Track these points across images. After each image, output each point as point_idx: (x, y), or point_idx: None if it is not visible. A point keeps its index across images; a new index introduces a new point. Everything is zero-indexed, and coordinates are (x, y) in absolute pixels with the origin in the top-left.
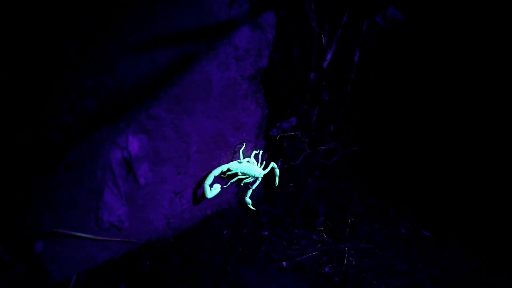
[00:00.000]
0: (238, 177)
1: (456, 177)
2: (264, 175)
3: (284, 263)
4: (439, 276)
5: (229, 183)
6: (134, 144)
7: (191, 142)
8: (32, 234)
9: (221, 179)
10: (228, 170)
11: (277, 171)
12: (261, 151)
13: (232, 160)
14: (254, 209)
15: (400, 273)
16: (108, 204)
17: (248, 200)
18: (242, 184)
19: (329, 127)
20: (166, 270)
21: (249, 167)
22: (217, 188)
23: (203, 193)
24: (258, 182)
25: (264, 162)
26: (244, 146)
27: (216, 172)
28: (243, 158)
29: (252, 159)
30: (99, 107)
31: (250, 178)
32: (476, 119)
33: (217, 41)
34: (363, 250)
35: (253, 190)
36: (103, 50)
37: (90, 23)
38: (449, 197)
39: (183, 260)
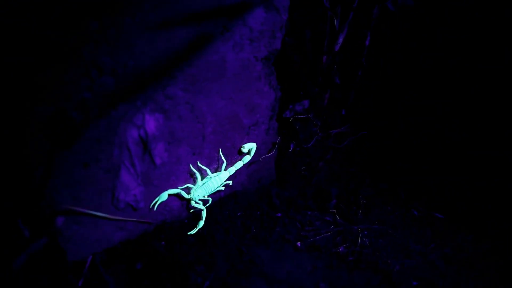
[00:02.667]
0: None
1: (467, 159)
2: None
3: (298, 244)
4: (452, 256)
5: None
6: (150, 123)
7: (206, 122)
8: (50, 212)
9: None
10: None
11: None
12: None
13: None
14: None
15: (414, 253)
16: (125, 183)
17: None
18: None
19: (341, 111)
20: (182, 250)
21: (208, 185)
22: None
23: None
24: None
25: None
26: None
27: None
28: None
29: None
30: (117, 85)
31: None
32: (484, 102)
33: (232, 22)
34: (376, 231)
35: (265, 172)
36: (121, 28)
37: (109, 1)
38: (460, 179)
39: (198, 241)
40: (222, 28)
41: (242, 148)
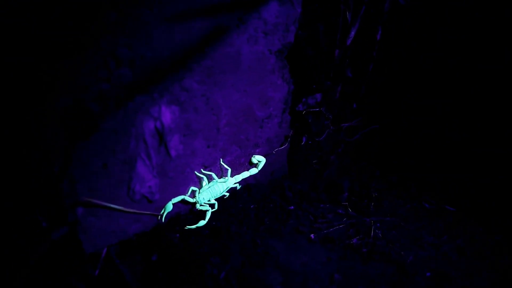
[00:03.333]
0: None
1: (477, 152)
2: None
3: (312, 235)
4: (464, 247)
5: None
6: (166, 115)
7: (221, 114)
8: (68, 203)
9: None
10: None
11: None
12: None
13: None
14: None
15: (426, 244)
16: (140, 175)
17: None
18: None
19: (352, 105)
20: (196, 242)
21: (213, 189)
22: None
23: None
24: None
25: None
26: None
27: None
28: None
29: (212, 176)
30: (134, 77)
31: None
32: (492, 94)
33: (247, 15)
34: (388, 223)
35: (278, 165)
36: (139, 19)
37: None
38: (471, 172)
39: (213, 233)
40: (237, 21)
41: (252, 158)
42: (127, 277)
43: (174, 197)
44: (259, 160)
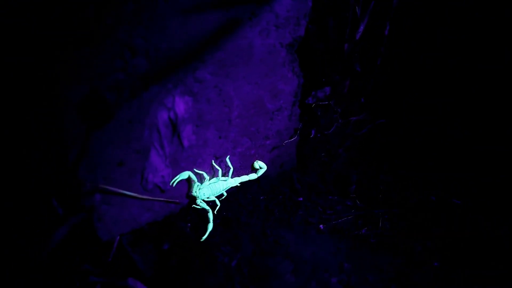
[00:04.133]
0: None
1: (484, 147)
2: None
3: (321, 226)
4: (472, 239)
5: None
6: (180, 106)
7: (233, 106)
8: (84, 190)
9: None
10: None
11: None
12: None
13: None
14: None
15: (435, 234)
16: (154, 164)
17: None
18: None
19: (360, 99)
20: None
21: (214, 186)
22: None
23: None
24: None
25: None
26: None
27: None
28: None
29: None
30: (149, 67)
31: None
32: (494, 93)
33: (259, 8)
34: (396, 215)
35: (287, 157)
36: (155, 11)
37: None
38: (477, 167)
39: (224, 223)
40: (250, 14)
41: (255, 163)
42: (139, 265)
43: (185, 187)
44: (261, 166)
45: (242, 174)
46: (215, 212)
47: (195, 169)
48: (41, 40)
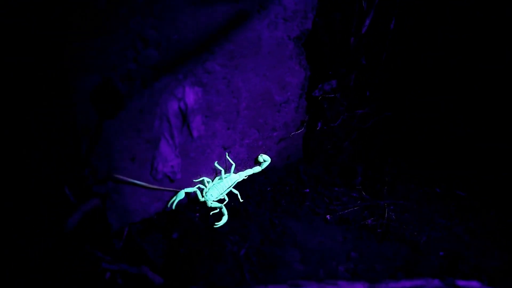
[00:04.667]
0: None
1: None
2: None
3: (328, 217)
4: (476, 230)
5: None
6: (190, 96)
7: (241, 98)
8: (95, 179)
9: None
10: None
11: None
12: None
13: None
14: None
15: (439, 226)
16: (163, 154)
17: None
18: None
19: (365, 92)
20: (216, 221)
21: (220, 185)
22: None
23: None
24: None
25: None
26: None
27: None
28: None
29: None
30: (160, 58)
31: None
32: (496, 91)
33: (268, 1)
34: (401, 206)
35: (293, 149)
36: (166, 2)
37: None
38: (481, 159)
39: (232, 213)
40: (258, 6)
41: (259, 157)
42: (149, 254)
43: (194, 177)
44: (265, 159)
45: (249, 166)
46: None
47: (194, 180)
48: (53, 30)
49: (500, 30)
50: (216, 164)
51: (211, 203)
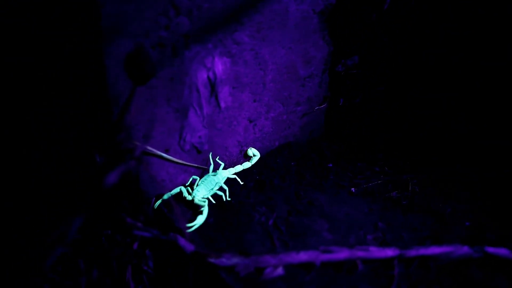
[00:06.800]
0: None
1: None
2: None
3: (353, 189)
4: (499, 202)
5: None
6: (219, 66)
7: (268, 70)
8: (126, 146)
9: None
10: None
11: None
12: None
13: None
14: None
15: (463, 199)
16: (192, 124)
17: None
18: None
19: (386, 69)
20: (241, 194)
21: (208, 182)
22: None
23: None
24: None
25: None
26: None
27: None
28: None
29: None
30: (191, 26)
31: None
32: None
33: None
34: (424, 180)
35: (316, 125)
36: None
37: None
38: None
39: (257, 185)
40: None
41: (248, 150)
42: (176, 224)
43: (220, 149)
44: (254, 154)
45: (274, 140)
46: (225, 200)
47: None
48: None
49: (502, 28)
50: (210, 157)
51: (199, 200)
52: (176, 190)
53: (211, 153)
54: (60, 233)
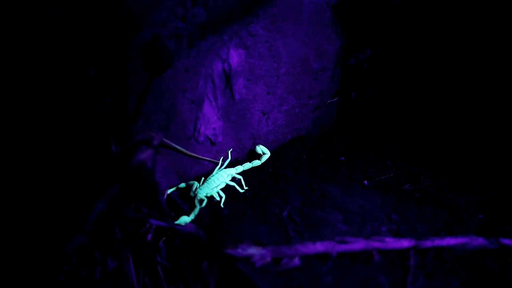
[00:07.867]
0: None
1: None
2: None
3: (365, 182)
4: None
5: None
6: (234, 58)
7: (281, 63)
8: (141, 137)
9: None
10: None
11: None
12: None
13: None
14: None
15: (476, 191)
16: (206, 116)
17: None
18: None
19: (397, 62)
20: (255, 186)
21: (212, 181)
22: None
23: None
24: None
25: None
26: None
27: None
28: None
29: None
30: (207, 17)
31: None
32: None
33: None
34: (437, 173)
35: (327, 119)
36: None
37: None
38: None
39: (271, 178)
40: None
41: (257, 148)
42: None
43: (234, 141)
44: (264, 152)
45: (287, 133)
46: (221, 205)
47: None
48: None
49: (502, 27)
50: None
51: (200, 198)
52: (186, 184)
53: (231, 150)
54: (78, 222)
